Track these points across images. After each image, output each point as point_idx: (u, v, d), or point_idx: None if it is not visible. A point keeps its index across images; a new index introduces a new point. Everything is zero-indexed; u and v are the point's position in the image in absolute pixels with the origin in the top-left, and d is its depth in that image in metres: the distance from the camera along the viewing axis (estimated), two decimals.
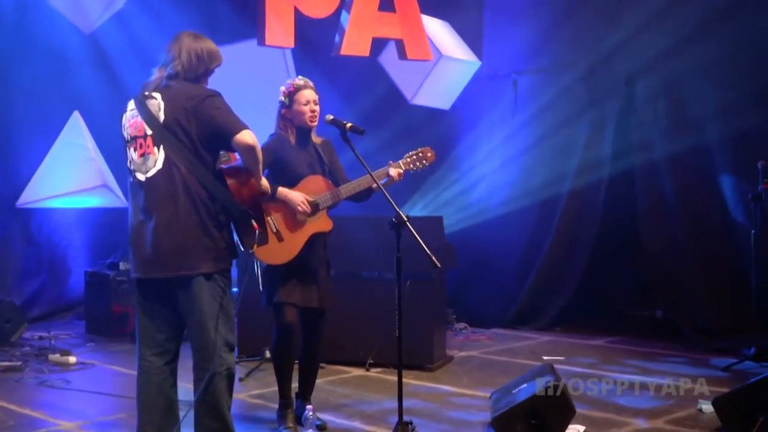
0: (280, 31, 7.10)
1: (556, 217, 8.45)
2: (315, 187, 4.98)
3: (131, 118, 4.08)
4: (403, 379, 6.27)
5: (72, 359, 6.97)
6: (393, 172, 5.00)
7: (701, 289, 7.61)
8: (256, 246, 4.17)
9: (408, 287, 6.67)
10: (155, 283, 4.09)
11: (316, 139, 5.14)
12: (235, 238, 4.13)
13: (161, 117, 3.94)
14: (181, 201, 3.93)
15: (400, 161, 5.08)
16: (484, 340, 7.97)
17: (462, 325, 8.19)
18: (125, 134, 4.13)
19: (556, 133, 8.37)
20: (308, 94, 5.02)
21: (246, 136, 3.89)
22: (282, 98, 5.04)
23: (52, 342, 7.39)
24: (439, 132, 8.81)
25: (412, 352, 6.66)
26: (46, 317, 8.91)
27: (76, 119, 9.20)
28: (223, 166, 4.12)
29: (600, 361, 7.02)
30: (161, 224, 3.95)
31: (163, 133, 3.94)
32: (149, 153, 3.97)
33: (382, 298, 6.64)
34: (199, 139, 3.93)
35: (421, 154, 5.11)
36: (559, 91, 8.41)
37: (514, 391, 4.90)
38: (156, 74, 4.09)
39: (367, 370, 6.64)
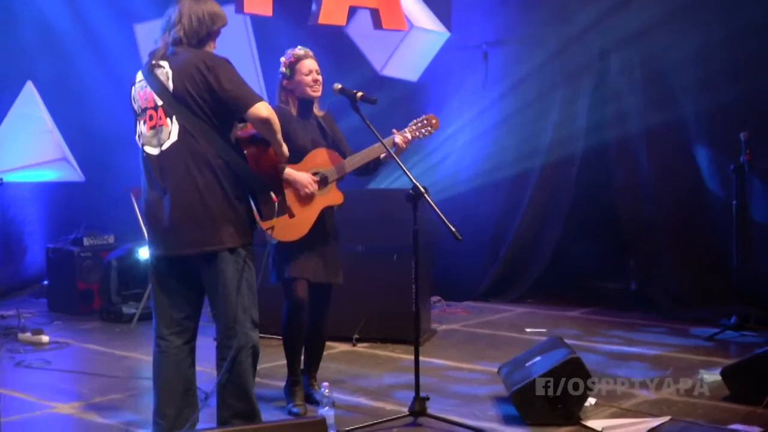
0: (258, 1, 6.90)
1: (528, 191, 8.43)
2: (321, 160, 4.85)
3: (140, 89, 3.92)
4: (392, 354, 6.39)
5: (45, 338, 6.74)
6: (399, 139, 4.89)
7: (677, 260, 7.70)
8: (275, 219, 4.04)
9: (396, 261, 6.63)
10: (173, 260, 3.95)
11: (317, 111, 5.00)
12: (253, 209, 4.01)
13: (170, 86, 3.79)
14: (200, 174, 3.79)
15: (405, 129, 4.98)
16: (460, 313, 7.94)
17: (436, 298, 8.14)
18: (135, 107, 3.97)
19: (528, 106, 8.34)
20: (310, 64, 4.88)
21: (260, 110, 3.76)
22: (283, 69, 4.88)
23: (23, 321, 7.09)
24: (408, 104, 8.67)
25: (400, 326, 6.61)
26: (2, 295, 8.60)
27: (30, 90, 8.85)
28: (240, 133, 3.98)
29: (583, 332, 7.05)
30: (181, 199, 3.81)
31: (175, 104, 3.79)
32: (162, 125, 3.81)
33: (366, 273, 6.57)
34: (211, 109, 3.79)
35: (425, 121, 5.01)
36: (531, 62, 8.37)
37: (527, 365, 4.87)
38: (160, 41, 3.92)
39: (354, 345, 6.57)
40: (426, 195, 4.56)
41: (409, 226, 6.51)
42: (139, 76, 3.95)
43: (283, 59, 4.88)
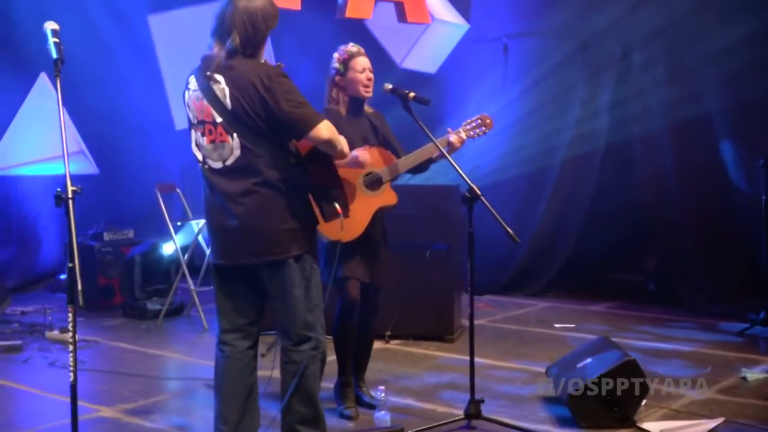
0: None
1: (549, 186, 8.43)
2: (373, 159, 4.79)
3: (196, 99, 3.81)
4: (426, 351, 6.37)
5: None
6: (454, 139, 4.85)
7: (700, 254, 7.73)
8: (342, 222, 4.02)
9: (428, 257, 6.61)
10: (237, 267, 3.90)
11: (368, 109, 4.96)
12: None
13: (228, 104, 3.70)
14: (263, 187, 3.75)
15: (460, 128, 4.94)
16: (483, 307, 7.93)
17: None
18: (190, 115, 3.88)
19: (549, 101, 8.32)
20: (363, 62, 4.83)
21: (322, 132, 3.72)
22: (336, 65, 4.82)
23: (50, 318, 7.01)
24: (426, 96, 8.62)
25: (432, 322, 6.63)
26: (17, 290, 8.52)
27: (44, 81, 8.74)
28: (299, 144, 3.93)
29: (611, 328, 7.06)
30: (246, 211, 3.76)
31: (234, 121, 3.72)
32: (224, 141, 3.74)
33: (398, 269, 6.52)
34: (270, 125, 3.71)
35: (479, 121, 4.97)
36: (552, 57, 8.34)
37: (578, 366, 4.86)
38: (214, 48, 3.80)
39: (387, 342, 6.54)
40: (482, 197, 4.52)
41: (442, 221, 6.63)
42: (193, 82, 3.84)
43: (336, 55, 4.82)
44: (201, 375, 5.71)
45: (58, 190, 3.32)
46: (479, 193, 4.52)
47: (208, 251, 7.64)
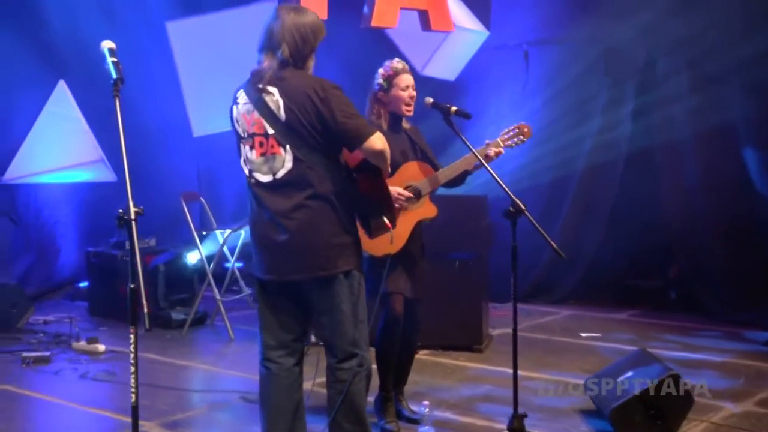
0: (313, 2, 6.81)
1: (570, 194, 8.44)
2: (412, 173, 4.80)
3: (246, 113, 3.81)
4: (456, 362, 6.37)
5: (101, 347, 6.65)
6: (492, 152, 4.85)
7: (723, 261, 7.74)
8: (392, 235, 4.01)
9: (457, 267, 6.61)
10: (284, 283, 3.89)
11: (405, 124, 4.96)
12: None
13: (282, 116, 3.70)
14: (314, 201, 3.73)
15: (497, 138, 4.93)
16: (506, 315, 7.91)
17: None
18: (239, 130, 3.86)
19: (571, 108, 8.30)
20: (407, 79, 4.84)
21: (375, 143, 3.72)
22: (380, 81, 4.82)
23: (76, 329, 6.99)
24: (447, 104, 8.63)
25: (461, 332, 6.63)
26: (36, 298, 8.49)
27: (62, 89, 8.72)
28: (348, 157, 3.92)
29: (637, 337, 7.07)
30: (297, 226, 3.74)
31: (287, 133, 3.71)
32: (275, 153, 3.73)
33: (427, 279, 6.52)
34: (323, 137, 3.71)
35: (517, 130, 4.96)
36: (574, 64, 8.34)
37: (619, 380, 4.85)
38: (264, 62, 3.81)
39: (416, 353, 6.51)
40: (526, 212, 4.52)
41: (470, 231, 6.62)
42: (242, 96, 3.84)
43: (381, 71, 4.81)
44: (234, 387, 5.71)
45: (120, 211, 3.27)
46: (523, 207, 4.51)
47: (232, 261, 7.64)
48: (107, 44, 3.55)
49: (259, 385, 4.03)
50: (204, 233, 7.69)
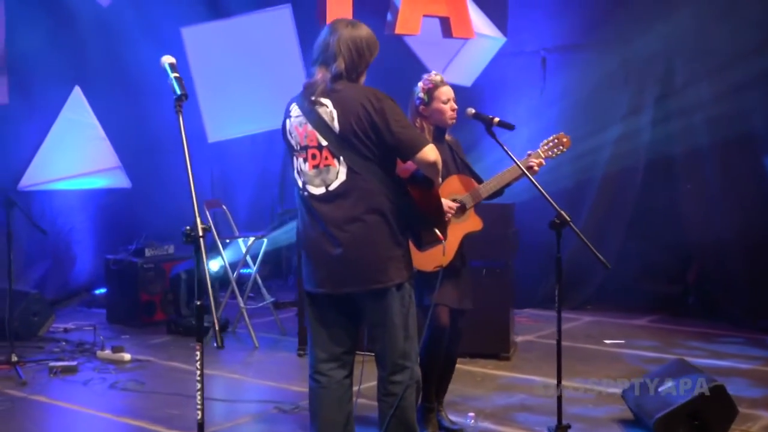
0: (339, 11, 6.82)
1: (590, 200, 8.46)
2: (456, 186, 4.80)
3: (299, 125, 3.80)
4: (485, 370, 6.36)
5: (126, 356, 6.63)
6: (534, 163, 4.86)
7: (743, 267, 7.76)
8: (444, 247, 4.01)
9: (483, 275, 6.60)
10: (336, 296, 3.88)
11: (447, 136, 4.96)
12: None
13: (336, 127, 3.69)
14: (368, 213, 3.72)
15: (538, 150, 4.94)
16: (526, 322, 7.94)
17: None
18: (293, 142, 3.84)
19: (590, 115, 8.31)
20: (447, 92, 4.83)
21: (428, 154, 3.71)
22: (421, 95, 4.81)
23: (102, 338, 6.95)
24: (461, 109, 8.62)
25: (489, 340, 6.62)
26: (53, 305, 8.42)
27: (78, 95, 8.69)
28: (400, 170, 3.92)
29: (662, 344, 7.09)
30: (351, 238, 3.73)
31: (341, 145, 3.70)
32: (329, 165, 3.72)
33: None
34: (377, 148, 3.70)
35: (557, 140, 4.97)
36: (593, 71, 8.34)
37: (659, 390, 4.86)
38: (317, 74, 3.80)
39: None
40: (571, 223, 4.52)
41: (497, 239, 6.61)
42: (295, 109, 3.83)
43: (420, 85, 4.81)
44: (266, 397, 5.70)
45: (188, 228, 3.23)
46: (568, 219, 4.52)
47: (254, 268, 7.62)
48: (168, 59, 3.51)
49: (309, 398, 4.02)
50: (227, 240, 7.66)
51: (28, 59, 8.32)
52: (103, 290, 8.48)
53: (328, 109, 3.72)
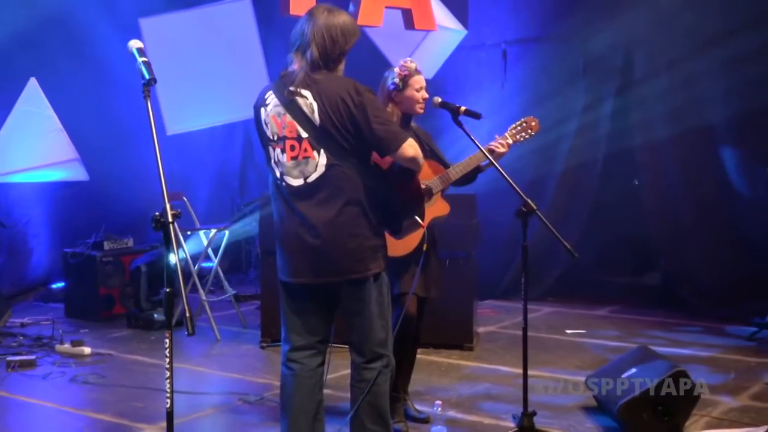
0: (302, 1, 6.77)
1: (550, 191, 8.51)
2: (424, 172, 4.75)
3: (277, 115, 3.73)
4: (449, 360, 6.38)
5: (86, 350, 6.55)
6: (496, 145, 4.87)
7: (703, 258, 7.86)
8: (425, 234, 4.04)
9: (447, 266, 6.61)
10: (313, 285, 3.85)
11: (412, 123, 4.96)
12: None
13: (316, 119, 3.65)
14: (347, 204, 3.70)
15: (506, 133, 4.95)
16: (488, 313, 7.97)
17: None
18: (268, 132, 3.78)
19: (549, 108, 8.33)
20: (420, 80, 4.83)
21: (407, 151, 3.69)
22: (396, 80, 4.78)
23: (61, 332, 6.85)
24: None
25: (453, 331, 6.63)
26: (9, 299, 8.29)
27: (34, 87, 8.54)
28: (377, 160, 3.91)
29: (623, 333, 7.16)
30: (330, 229, 3.71)
31: (321, 137, 3.67)
32: (308, 157, 3.68)
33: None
34: (356, 140, 3.68)
35: (525, 125, 4.97)
36: (553, 63, 8.40)
37: (624, 376, 4.90)
38: (294, 63, 3.76)
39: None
40: (538, 212, 4.55)
41: (460, 230, 6.62)
42: (271, 98, 3.78)
43: (397, 70, 4.77)
44: (230, 389, 5.67)
45: (157, 214, 3.17)
46: (535, 207, 4.54)
47: (215, 260, 7.56)
48: (135, 44, 3.43)
49: (281, 385, 3.99)
50: (188, 233, 7.59)
51: None
52: (60, 284, 8.36)
53: (308, 101, 3.67)
